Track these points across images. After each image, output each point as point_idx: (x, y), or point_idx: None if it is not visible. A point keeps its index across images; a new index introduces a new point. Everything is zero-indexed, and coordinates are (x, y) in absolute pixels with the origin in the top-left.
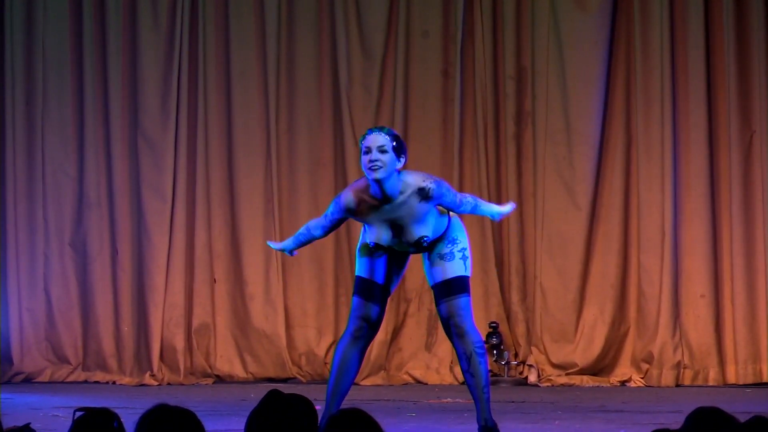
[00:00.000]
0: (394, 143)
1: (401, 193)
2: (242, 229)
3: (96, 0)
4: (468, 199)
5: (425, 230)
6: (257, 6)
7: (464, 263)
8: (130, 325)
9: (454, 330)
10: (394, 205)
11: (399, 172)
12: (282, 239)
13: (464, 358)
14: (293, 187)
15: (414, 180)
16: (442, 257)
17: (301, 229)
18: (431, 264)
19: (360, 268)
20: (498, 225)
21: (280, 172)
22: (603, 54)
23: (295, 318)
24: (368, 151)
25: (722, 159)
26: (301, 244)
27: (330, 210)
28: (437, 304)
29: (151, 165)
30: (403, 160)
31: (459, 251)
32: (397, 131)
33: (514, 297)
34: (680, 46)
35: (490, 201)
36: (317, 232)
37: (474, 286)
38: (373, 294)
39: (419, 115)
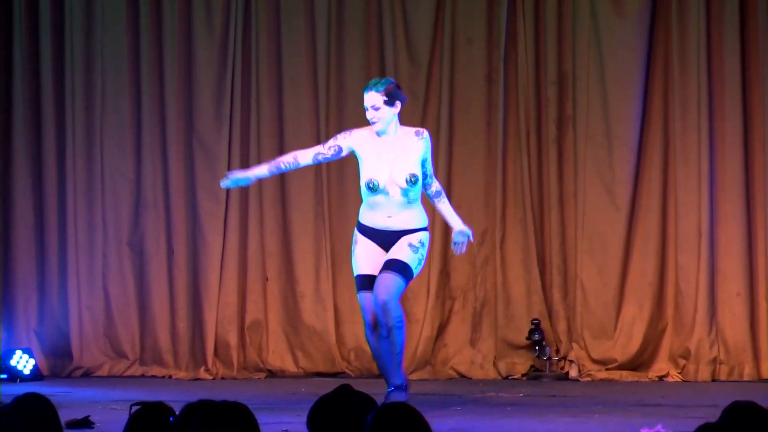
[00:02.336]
0: (385, 98)
1: (398, 132)
2: (293, 229)
3: (153, 8)
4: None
5: (415, 170)
6: (307, 14)
7: (415, 258)
8: (186, 322)
9: (380, 308)
10: (392, 140)
11: (399, 116)
12: (332, 239)
13: (383, 335)
14: (342, 188)
15: (411, 128)
16: (408, 245)
17: (287, 158)
18: (395, 247)
19: (355, 267)
20: (540, 226)
21: (329, 174)
22: (641, 60)
23: (344, 315)
24: (367, 108)
25: (757, 162)
26: (279, 172)
27: (335, 140)
28: (378, 276)
29: (206, 167)
30: (398, 104)
31: (418, 251)
32: (394, 79)
33: (556, 295)
34: (716, 52)
35: (531, 202)
36: (307, 160)
37: (516, 284)
38: (372, 285)
39: (464, 119)
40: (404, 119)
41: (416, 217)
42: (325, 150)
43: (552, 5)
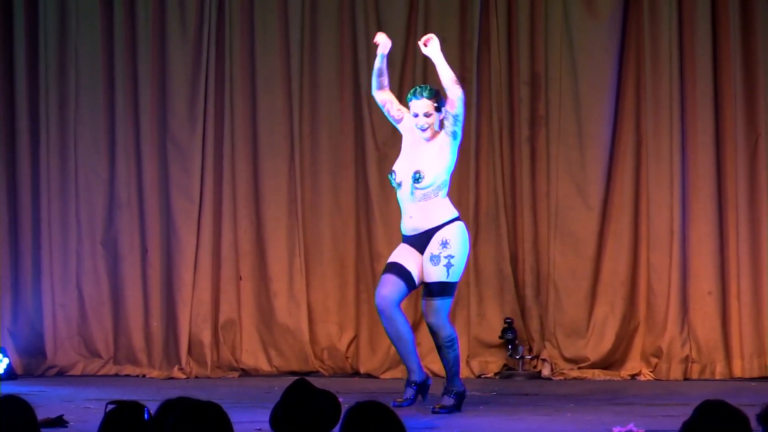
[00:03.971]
0: (436, 104)
1: (435, 136)
2: (267, 228)
3: (126, 9)
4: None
5: (426, 169)
6: (281, 14)
7: (447, 270)
8: (159, 321)
9: (429, 326)
10: (428, 143)
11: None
12: (305, 238)
13: (438, 348)
14: (316, 188)
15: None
16: (430, 259)
17: (385, 76)
18: (424, 260)
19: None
20: (512, 225)
21: (303, 174)
22: (614, 60)
23: (318, 314)
24: (416, 115)
25: (729, 161)
26: (380, 71)
27: (402, 109)
28: (422, 299)
29: (180, 167)
30: (443, 106)
31: (446, 257)
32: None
33: (528, 294)
34: (688, 53)
35: (504, 202)
36: (384, 96)
37: (489, 283)
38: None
39: None
40: (376, 119)
41: (435, 211)
42: (395, 105)
43: (525, 6)
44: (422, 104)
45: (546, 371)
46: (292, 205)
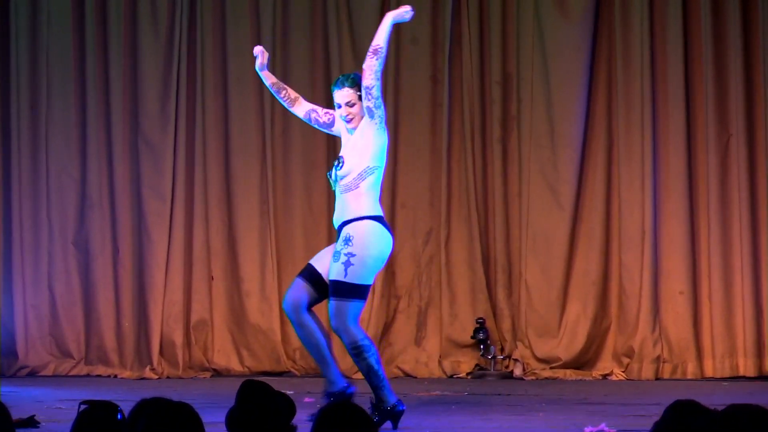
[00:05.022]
0: (359, 92)
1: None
2: (239, 228)
3: (98, 9)
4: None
5: (347, 155)
6: (253, 14)
7: (344, 269)
8: (131, 321)
9: (333, 329)
10: (356, 135)
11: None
12: (277, 238)
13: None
14: (287, 188)
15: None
16: (333, 255)
17: (291, 91)
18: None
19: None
20: (484, 225)
21: (275, 174)
22: (585, 60)
23: None
24: (339, 106)
25: (700, 161)
26: (274, 92)
27: (331, 112)
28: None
29: (151, 167)
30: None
31: (345, 255)
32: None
33: (500, 294)
34: (659, 53)
35: (476, 202)
36: (300, 109)
37: (461, 283)
38: (306, 274)
39: (409, 119)
40: None
41: (350, 205)
42: (320, 112)
43: (496, 6)
44: (343, 94)
45: (518, 371)
46: (264, 205)
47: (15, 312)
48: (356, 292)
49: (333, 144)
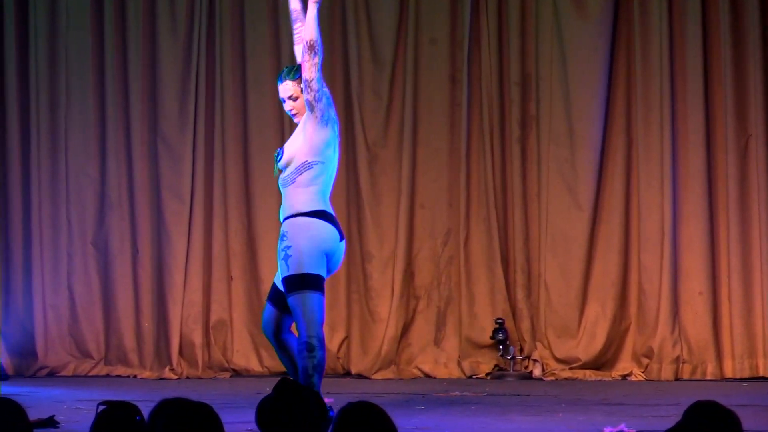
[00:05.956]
0: (301, 86)
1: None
2: (257, 228)
3: (117, 10)
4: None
5: (286, 148)
6: (271, 15)
7: (286, 264)
8: (151, 321)
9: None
10: (300, 128)
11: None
12: None
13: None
14: None
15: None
16: (278, 258)
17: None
18: None
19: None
20: (503, 225)
21: None
22: (604, 60)
23: None
24: (283, 100)
25: (719, 161)
26: (296, 13)
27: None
28: None
29: (170, 167)
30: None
31: (282, 250)
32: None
33: (519, 294)
34: (679, 53)
35: (495, 202)
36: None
37: (480, 284)
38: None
39: (428, 119)
40: (367, 119)
41: (289, 201)
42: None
43: (515, 6)
44: (285, 87)
45: (537, 372)
46: None
47: (35, 312)
48: (305, 282)
49: (352, 144)
